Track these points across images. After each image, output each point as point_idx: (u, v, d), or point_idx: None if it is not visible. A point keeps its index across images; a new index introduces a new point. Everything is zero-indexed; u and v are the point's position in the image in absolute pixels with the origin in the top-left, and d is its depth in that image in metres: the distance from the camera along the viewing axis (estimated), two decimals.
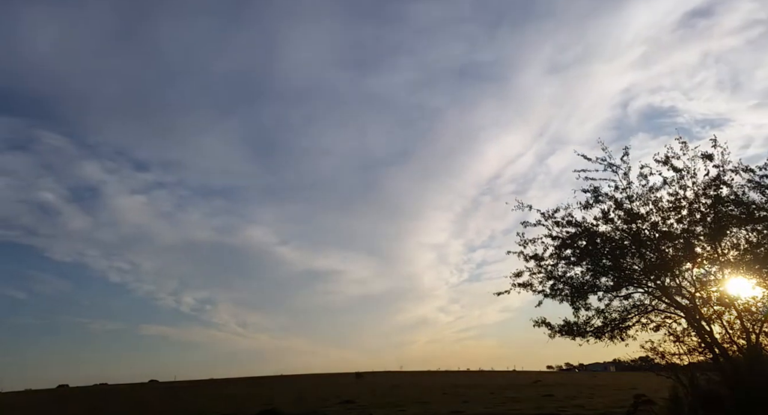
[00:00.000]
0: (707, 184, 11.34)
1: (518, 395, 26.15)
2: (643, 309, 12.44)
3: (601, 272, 12.42)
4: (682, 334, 12.07)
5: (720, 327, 11.48)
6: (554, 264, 12.74)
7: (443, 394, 28.98)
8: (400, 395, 29.39)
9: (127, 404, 32.32)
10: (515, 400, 22.69)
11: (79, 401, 38.15)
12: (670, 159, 11.64)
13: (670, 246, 11.73)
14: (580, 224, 12.48)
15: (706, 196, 11.36)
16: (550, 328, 12.61)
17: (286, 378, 75.43)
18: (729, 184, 11.22)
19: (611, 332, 12.35)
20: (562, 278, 12.69)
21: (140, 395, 43.80)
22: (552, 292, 12.73)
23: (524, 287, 12.87)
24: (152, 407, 28.23)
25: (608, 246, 12.25)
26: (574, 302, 12.52)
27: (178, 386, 62.52)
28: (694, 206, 11.47)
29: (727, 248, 11.42)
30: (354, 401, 25.14)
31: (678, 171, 11.59)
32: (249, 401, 28.96)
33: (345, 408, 21.57)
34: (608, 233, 12.29)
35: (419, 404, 22.65)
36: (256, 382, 62.97)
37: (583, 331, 12.40)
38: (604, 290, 12.41)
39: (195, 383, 68.96)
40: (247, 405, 25.26)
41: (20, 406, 37.05)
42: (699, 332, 11.48)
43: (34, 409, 33.13)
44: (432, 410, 19.63)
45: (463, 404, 21.62)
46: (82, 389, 70.65)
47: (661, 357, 12.20)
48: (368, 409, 20.85)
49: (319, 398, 29.22)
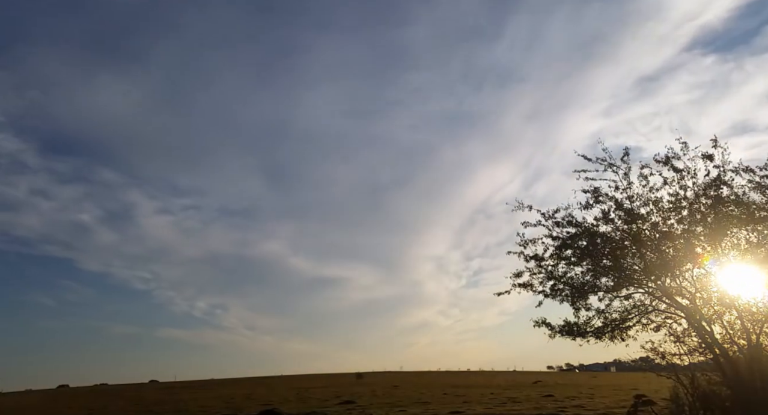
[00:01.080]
0: (708, 184, 11.34)
1: (518, 395, 26.13)
2: (644, 309, 12.45)
3: (602, 272, 12.42)
4: (683, 334, 12.07)
5: (720, 327, 11.49)
6: (554, 264, 12.75)
7: (443, 394, 28.97)
8: (400, 395, 29.38)
9: (127, 404, 32.31)
10: (515, 400, 22.67)
11: (78, 401, 38.17)
12: (670, 159, 11.64)
13: (670, 246, 11.72)
14: (580, 225, 12.48)
15: (707, 197, 11.36)
16: (551, 328, 12.61)
17: (286, 378, 75.43)
18: (729, 184, 11.22)
19: (611, 332, 12.35)
20: (563, 279, 12.69)
21: (140, 395, 43.83)
22: (552, 292, 12.74)
23: (524, 287, 12.88)
24: (152, 407, 28.22)
25: (608, 246, 12.24)
26: (575, 303, 12.53)
27: (178, 386, 62.53)
28: (695, 207, 11.46)
29: (727, 248, 11.42)
30: (354, 401, 25.13)
31: (678, 171, 11.59)
32: (249, 401, 28.95)
33: (345, 408, 21.55)
34: (608, 233, 12.29)
35: (419, 404, 22.64)
36: (256, 382, 62.97)
37: (583, 331, 12.41)
38: (605, 290, 12.41)
39: (195, 383, 68.97)
40: (247, 405, 25.26)
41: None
42: (699, 333, 11.47)
43: (35, 409, 33.14)
44: (432, 410, 19.61)
45: (463, 404, 21.61)
46: (82, 388, 70.68)
47: (662, 357, 12.20)
48: (368, 409, 20.84)
49: (319, 398, 29.20)
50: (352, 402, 24.38)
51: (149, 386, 65.38)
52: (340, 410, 21.03)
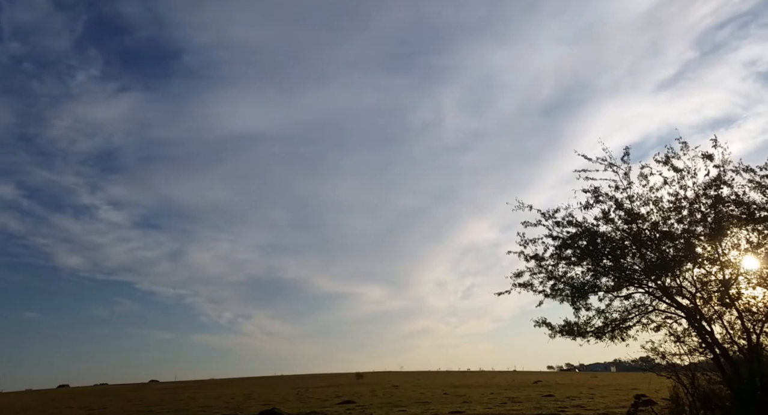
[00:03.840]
0: (708, 184, 11.32)
1: (518, 395, 26.14)
2: (644, 309, 12.43)
3: (602, 272, 12.41)
4: (683, 334, 12.06)
5: (721, 327, 11.48)
6: (555, 264, 12.72)
7: (443, 394, 28.97)
8: (400, 395, 29.38)
9: (127, 403, 32.30)
10: (515, 400, 22.67)
11: (79, 400, 38.15)
12: (670, 159, 11.62)
13: (670, 246, 11.70)
14: (580, 224, 12.46)
15: (707, 197, 11.34)
16: (551, 328, 12.60)
17: (287, 378, 75.41)
18: (729, 184, 11.20)
19: (612, 332, 12.33)
20: (563, 278, 12.67)
21: (140, 395, 43.82)
22: (552, 292, 12.71)
23: (525, 287, 12.86)
24: (152, 407, 28.21)
25: (609, 246, 12.23)
26: (575, 302, 12.50)
27: (178, 386, 62.53)
28: (695, 206, 11.44)
29: (727, 248, 11.41)
30: (354, 401, 25.13)
31: (678, 171, 11.57)
32: (249, 401, 28.95)
33: (345, 408, 21.55)
34: (609, 233, 12.27)
35: (419, 404, 22.64)
36: (256, 382, 62.98)
37: (583, 331, 12.39)
38: (605, 290, 12.39)
39: (195, 383, 68.98)
40: (247, 405, 25.26)
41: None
42: (700, 333, 11.47)
43: (35, 408, 33.14)
44: (432, 410, 19.61)
45: (463, 404, 21.61)
46: (82, 389, 70.66)
47: (662, 357, 12.19)
48: (368, 409, 20.83)
49: (319, 398, 29.20)
50: (352, 402, 24.38)
51: (149, 386, 65.40)
52: (340, 410, 21.02)
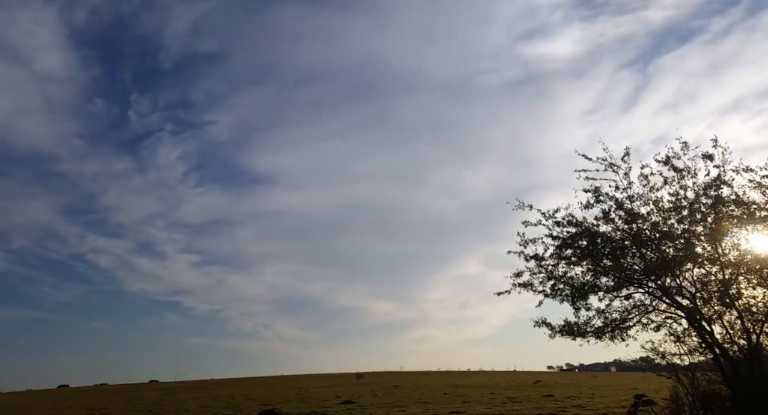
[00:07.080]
0: (708, 184, 11.34)
1: (518, 395, 26.13)
2: (644, 309, 12.44)
3: (602, 272, 12.42)
4: (683, 334, 12.07)
5: (720, 327, 11.49)
6: (555, 264, 12.74)
7: (443, 394, 28.97)
8: (400, 395, 29.38)
9: (127, 404, 32.30)
10: (515, 400, 22.67)
11: (79, 400, 38.14)
12: (670, 159, 11.64)
13: (670, 246, 11.71)
14: (580, 224, 12.47)
15: (707, 197, 11.35)
16: (551, 328, 12.60)
17: (287, 378, 75.44)
18: (730, 184, 11.22)
19: (612, 332, 12.34)
20: (563, 278, 12.69)
21: (140, 395, 43.82)
22: (552, 292, 12.73)
23: (525, 287, 12.88)
24: (152, 407, 28.21)
25: (609, 246, 12.24)
26: (575, 302, 12.51)
27: (178, 386, 62.56)
28: (695, 206, 11.46)
29: (727, 248, 11.41)
30: (354, 401, 25.13)
31: (678, 171, 11.58)
32: (249, 401, 28.95)
33: (345, 408, 21.55)
34: (609, 233, 12.29)
35: (419, 404, 22.64)
36: (256, 382, 62.99)
37: (583, 331, 12.40)
38: (605, 290, 12.41)
39: (195, 383, 69.00)
40: (247, 405, 25.26)
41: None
42: (700, 333, 11.47)
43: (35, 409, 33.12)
44: (432, 410, 19.61)
45: (463, 404, 21.61)
46: (83, 389, 70.69)
47: (662, 357, 12.20)
48: (368, 409, 20.84)
49: (319, 398, 29.20)
50: (352, 402, 24.37)
51: (149, 386, 65.38)
52: (340, 410, 21.03)
